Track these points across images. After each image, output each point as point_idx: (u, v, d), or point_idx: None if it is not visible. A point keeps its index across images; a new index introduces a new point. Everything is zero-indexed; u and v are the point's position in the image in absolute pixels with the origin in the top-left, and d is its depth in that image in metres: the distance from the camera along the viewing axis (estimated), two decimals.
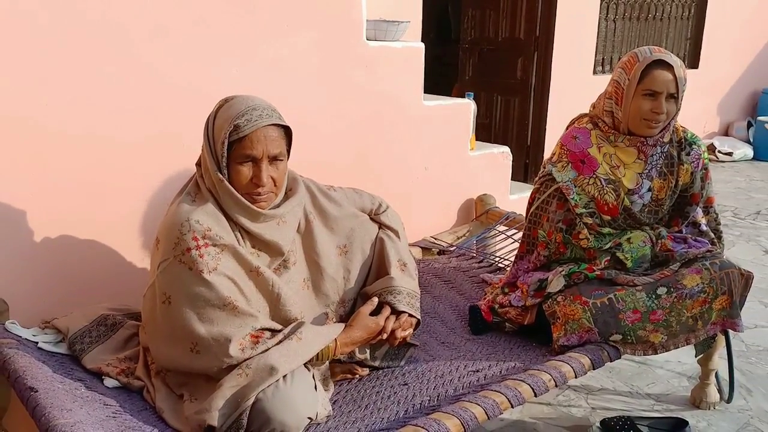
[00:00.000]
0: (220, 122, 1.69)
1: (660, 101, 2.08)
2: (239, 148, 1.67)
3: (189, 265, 1.63)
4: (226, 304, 1.63)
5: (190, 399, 1.67)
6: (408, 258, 2.05)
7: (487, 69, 5.42)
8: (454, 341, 2.23)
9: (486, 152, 3.36)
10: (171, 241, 1.64)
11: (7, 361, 1.72)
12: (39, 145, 2.04)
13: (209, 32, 2.30)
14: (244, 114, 1.66)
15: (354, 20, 2.67)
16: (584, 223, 2.15)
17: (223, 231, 1.68)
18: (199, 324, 1.62)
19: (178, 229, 1.64)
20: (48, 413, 1.49)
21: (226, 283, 1.65)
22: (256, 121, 1.67)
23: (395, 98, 2.88)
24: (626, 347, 2.07)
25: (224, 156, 1.67)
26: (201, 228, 1.64)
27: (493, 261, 2.87)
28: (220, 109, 1.72)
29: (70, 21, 2.02)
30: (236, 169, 1.69)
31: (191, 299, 1.63)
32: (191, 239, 1.63)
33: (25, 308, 2.02)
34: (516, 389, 1.77)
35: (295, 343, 1.67)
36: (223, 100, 1.74)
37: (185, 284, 1.63)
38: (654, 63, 2.08)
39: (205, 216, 1.66)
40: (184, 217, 1.65)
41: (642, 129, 2.13)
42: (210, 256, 1.63)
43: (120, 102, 2.15)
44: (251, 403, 1.55)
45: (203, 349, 1.63)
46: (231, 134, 1.66)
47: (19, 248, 2.05)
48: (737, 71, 7.20)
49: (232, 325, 1.63)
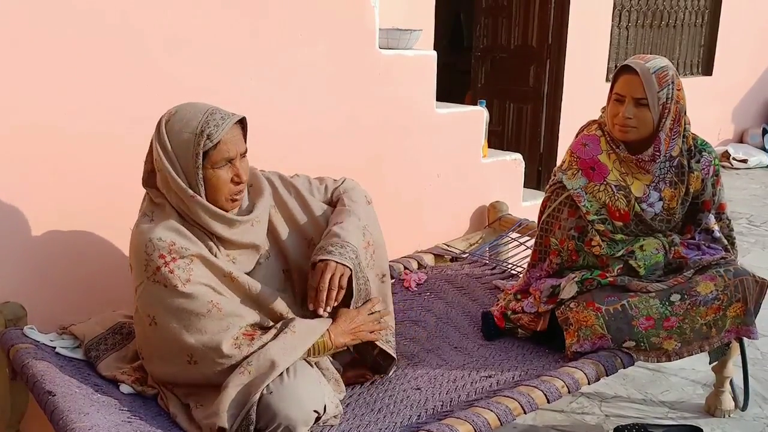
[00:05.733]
0: (183, 137, 1.65)
1: (625, 106, 2.10)
2: (215, 154, 1.66)
3: (163, 282, 1.64)
4: (209, 310, 1.65)
5: (196, 406, 1.69)
6: (352, 208, 1.91)
7: (499, 76, 5.43)
8: (466, 347, 2.23)
9: (498, 159, 3.36)
10: (141, 264, 1.66)
11: (25, 365, 1.75)
12: (59, 152, 2.07)
13: (226, 42, 2.33)
14: (208, 121, 1.65)
15: (367, 29, 2.69)
16: (596, 230, 2.15)
17: (188, 242, 1.67)
18: (188, 335, 1.64)
19: (144, 251, 1.64)
20: (66, 417, 1.51)
21: (203, 290, 1.66)
22: (222, 124, 1.66)
23: (408, 106, 2.90)
24: (640, 354, 2.07)
25: (199, 168, 1.65)
26: (164, 244, 1.64)
27: (505, 268, 2.87)
28: (167, 125, 1.68)
29: (93, 35, 2.06)
30: (214, 174, 1.67)
31: (175, 314, 1.64)
32: (158, 257, 1.63)
33: (43, 314, 2.05)
34: (529, 395, 1.77)
35: (290, 336, 1.68)
36: (162, 118, 1.70)
37: (165, 301, 1.64)
38: (623, 68, 2.12)
39: (166, 231, 1.66)
40: (146, 237, 1.65)
41: (615, 133, 2.15)
42: (181, 270, 1.64)
43: (140, 109, 2.18)
44: (257, 398, 1.56)
45: (199, 358, 1.65)
46: (204, 144, 1.64)
47: (37, 254, 2.07)
48: (752, 78, 7.16)
49: (219, 328, 1.65)
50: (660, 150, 2.13)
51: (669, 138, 2.13)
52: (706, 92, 6.43)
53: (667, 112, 2.10)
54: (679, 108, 2.13)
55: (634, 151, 2.16)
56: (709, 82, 6.61)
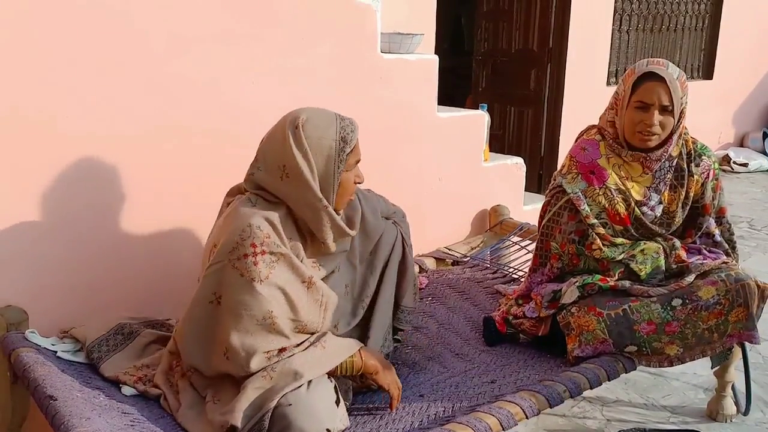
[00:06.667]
0: (324, 143, 1.70)
1: (651, 113, 2.08)
2: (350, 158, 1.75)
3: (242, 271, 1.64)
4: (265, 318, 1.65)
5: (213, 401, 1.69)
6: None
7: (500, 80, 5.44)
8: (468, 352, 2.23)
9: (500, 163, 3.36)
10: (229, 244, 1.65)
11: (26, 369, 1.75)
12: (58, 155, 2.07)
13: (229, 45, 2.33)
14: (343, 126, 1.73)
15: (369, 33, 2.69)
16: (597, 233, 2.15)
17: (281, 239, 1.69)
18: (235, 332, 1.64)
19: (239, 234, 1.65)
20: (67, 422, 1.51)
21: (273, 294, 1.66)
22: (353, 128, 1.75)
23: (409, 110, 2.90)
24: (641, 359, 2.06)
25: (339, 174, 1.72)
26: (261, 234, 1.65)
27: (507, 272, 2.87)
28: (305, 130, 1.70)
29: (94, 35, 2.06)
30: (345, 178, 1.76)
31: (235, 306, 1.65)
32: (249, 245, 1.64)
33: (44, 318, 2.04)
34: (531, 400, 1.77)
35: (319, 351, 1.70)
36: (293, 124, 1.72)
37: (234, 290, 1.65)
38: (646, 75, 2.09)
39: (265, 222, 1.67)
40: (246, 222, 1.66)
41: (636, 141, 2.14)
42: (264, 264, 1.65)
43: (142, 110, 2.18)
44: (274, 405, 1.57)
45: (232, 357, 1.65)
46: (346, 149, 1.72)
47: (38, 259, 2.07)
48: (752, 82, 7.16)
49: (264, 340, 1.65)
50: (668, 151, 2.14)
51: (679, 139, 2.16)
52: (707, 96, 6.43)
53: (682, 116, 2.12)
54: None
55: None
56: (709, 86, 6.62)
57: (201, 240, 2.36)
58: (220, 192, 2.44)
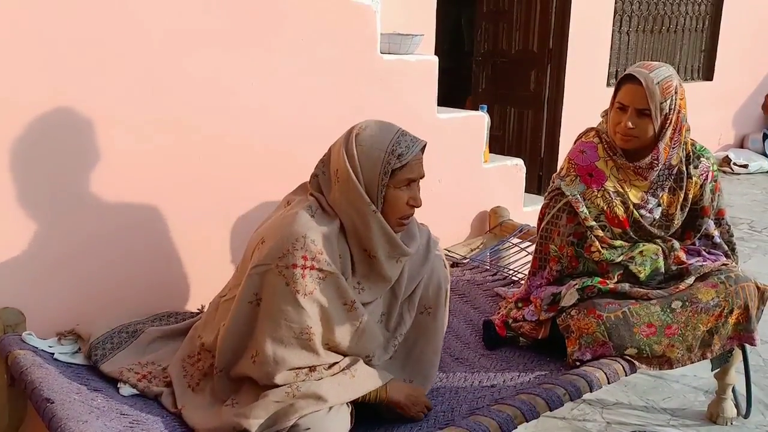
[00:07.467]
0: (373, 153, 1.67)
1: (628, 115, 2.08)
2: (400, 174, 1.69)
3: (287, 280, 1.62)
4: (303, 333, 1.63)
5: (232, 404, 1.68)
6: None
7: (500, 81, 5.43)
8: (468, 356, 2.22)
9: (499, 164, 3.36)
10: (279, 249, 1.63)
11: (23, 372, 1.74)
12: (58, 156, 2.06)
13: (229, 46, 2.32)
14: (399, 141, 1.69)
15: (369, 34, 2.68)
16: (595, 236, 2.15)
17: (334, 257, 1.66)
18: (270, 340, 1.63)
19: (292, 243, 1.62)
20: (64, 425, 1.50)
21: (315, 310, 1.64)
22: (412, 146, 1.70)
23: (409, 110, 2.89)
24: (641, 361, 2.06)
25: (384, 186, 1.68)
26: (314, 248, 1.62)
27: (507, 274, 2.86)
28: (358, 138, 1.69)
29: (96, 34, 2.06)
30: (394, 194, 1.70)
31: (276, 313, 1.63)
32: (300, 257, 1.61)
33: (41, 320, 2.04)
34: (530, 403, 1.76)
35: (348, 378, 1.68)
36: (352, 132, 1.71)
37: (277, 296, 1.63)
38: (626, 77, 2.10)
39: (322, 237, 1.64)
40: (302, 232, 1.63)
41: (617, 141, 2.14)
42: (311, 279, 1.62)
43: (144, 111, 2.18)
44: (291, 424, 1.56)
45: (260, 363, 1.64)
46: (394, 163, 1.67)
47: (36, 260, 2.07)
48: (752, 83, 7.16)
49: (297, 355, 1.64)
50: (659, 159, 2.12)
51: (669, 147, 2.12)
52: (707, 97, 6.43)
53: (668, 122, 2.09)
54: (680, 117, 2.12)
55: (633, 158, 2.15)
56: (709, 87, 6.62)
57: (201, 240, 2.36)
58: (219, 191, 2.44)
